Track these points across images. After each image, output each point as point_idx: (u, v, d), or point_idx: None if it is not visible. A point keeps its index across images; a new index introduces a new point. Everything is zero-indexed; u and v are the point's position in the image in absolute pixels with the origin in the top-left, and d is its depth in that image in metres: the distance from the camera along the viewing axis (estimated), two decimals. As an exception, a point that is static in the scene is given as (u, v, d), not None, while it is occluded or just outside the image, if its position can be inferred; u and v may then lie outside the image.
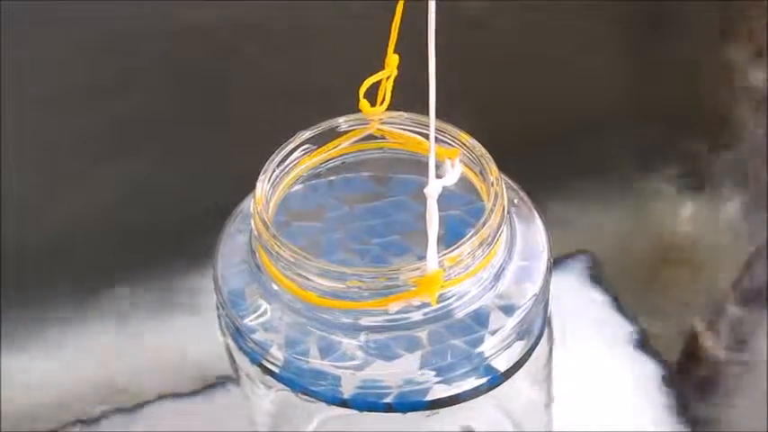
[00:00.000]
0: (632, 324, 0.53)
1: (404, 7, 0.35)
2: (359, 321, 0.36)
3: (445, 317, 0.36)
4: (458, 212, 0.40)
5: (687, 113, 0.58)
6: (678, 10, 0.55)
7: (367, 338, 0.36)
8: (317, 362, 0.36)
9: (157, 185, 0.55)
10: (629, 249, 0.57)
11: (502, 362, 0.37)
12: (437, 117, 0.35)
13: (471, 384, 0.37)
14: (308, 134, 0.40)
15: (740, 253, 0.55)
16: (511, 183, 0.40)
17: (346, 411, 0.37)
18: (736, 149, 0.56)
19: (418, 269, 0.34)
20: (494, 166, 0.38)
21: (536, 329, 0.39)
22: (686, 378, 0.52)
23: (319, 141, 0.40)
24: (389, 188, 0.42)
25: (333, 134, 0.40)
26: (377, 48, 0.37)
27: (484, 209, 0.37)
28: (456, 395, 0.37)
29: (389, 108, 0.39)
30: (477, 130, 0.39)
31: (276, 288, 0.37)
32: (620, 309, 0.54)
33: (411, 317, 0.36)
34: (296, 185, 0.40)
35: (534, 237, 0.39)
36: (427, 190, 0.34)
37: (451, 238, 0.37)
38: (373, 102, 0.39)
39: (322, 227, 0.41)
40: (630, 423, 0.50)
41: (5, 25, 0.51)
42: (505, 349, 0.37)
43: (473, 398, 0.37)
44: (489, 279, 0.37)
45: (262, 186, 0.38)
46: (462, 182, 0.39)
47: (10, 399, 0.52)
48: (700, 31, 0.56)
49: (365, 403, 0.36)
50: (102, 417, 0.51)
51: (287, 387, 0.37)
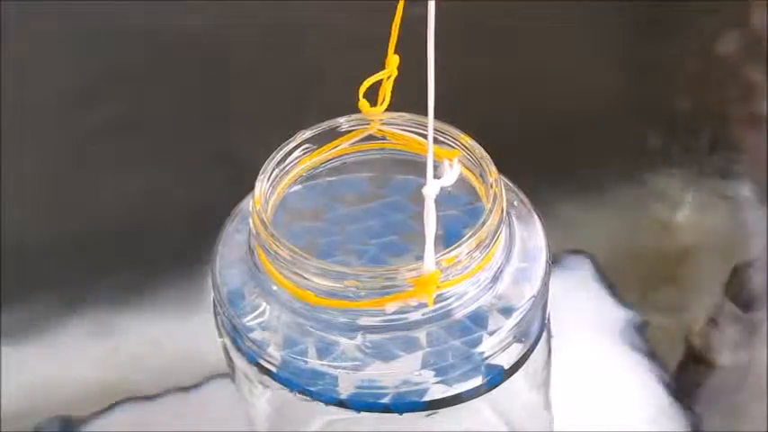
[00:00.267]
0: (632, 324, 0.53)
1: (404, 8, 0.35)
2: (357, 321, 0.36)
3: (443, 317, 0.36)
4: (457, 213, 0.40)
5: (687, 113, 0.57)
6: (678, 9, 0.55)
7: (364, 339, 0.36)
8: (315, 362, 0.36)
9: (157, 185, 0.55)
10: (629, 249, 0.57)
11: (500, 362, 0.37)
12: (437, 118, 0.35)
13: (469, 385, 0.37)
14: (309, 134, 0.40)
15: (740, 253, 0.55)
16: (510, 184, 0.40)
17: (345, 412, 0.37)
18: (735, 149, 0.56)
19: (415, 269, 0.34)
20: (493, 168, 0.38)
21: (535, 331, 0.39)
22: (686, 378, 0.52)
23: (319, 141, 0.40)
24: (389, 189, 0.42)
25: (333, 134, 0.40)
26: (377, 48, 0.37)
27: (483, 210, 0.37)
28: (454, 396, 0.37)
29: (389, 108, 0.39)
30: (476, 131, 0.39)
31: (274, 288, 0.37)
32: (619, 309, 0.54)
33: (409, 317, 0.35)
34: (295, 185, 0.40)
35: (533, 238, 0.39)
36: (425, 190, 0.34)
37: (450, 239, 0.37)
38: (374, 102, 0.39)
39: (321, 227, 0.41)
40: (630, 423, 0.50)
41: (5, 25, 0.51)
42: (504, 350, 0.37)
43: (471, 399, 0.37)
44: (488, 280, 0.37)
45: (261, 186, 0.38)
46: (462, 183, 0.39)
47: (10, 399, 0.52)
48: (699, 31, 0.56)
49: (362, 404, 0.36)
50: (101, 417, 0.52)
51: (284, 387, 0.37)
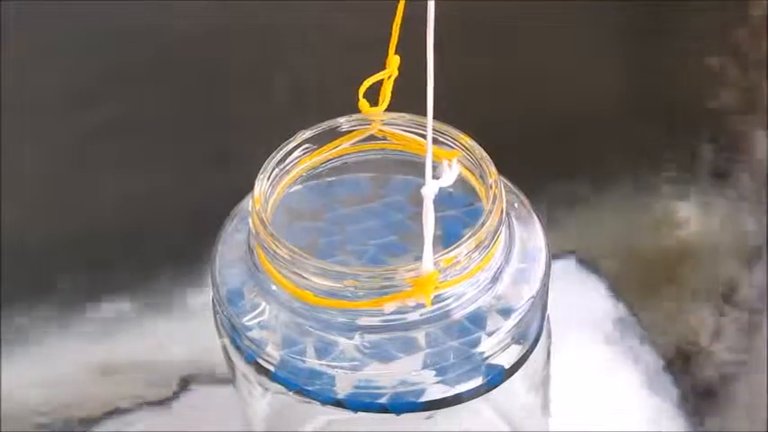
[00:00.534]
0: (632, 324, 0.53)
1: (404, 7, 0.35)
2: (355, 321, 0.35)
3: (442, 318, 0.36)
4: (457, 214, 0.40)
5: (687, 113, 0.57)
6: (678, 9, 0.55)
7: (363, 339, 0.36)
8: (313, 361, 0.36)
9: (157, 185, 0.55)
10: (628, 249, 0.56)
11: (499, 363, 0.37)
12: (437, 118, 0.35)
13: (468, 386, 0.37)
14: (309, 134, 0.40)
15: (740, 253, 0.55)
16: (510, 185, 0.40)
17: (343, 414, 0.37)
18: (735, 149, 0.56)
19: (414, 270, 0.34)
20: (493, 169, 0.38)
21: (534, 331, 0.38)
22: (687, 378, 0.52)
23: (319, 141, 0.40)
24: (389, 189, 0.42)
25: (333, 134, 0.40)
26: (377, 48, 0.37)
27: (482, 211, 0.37)
28: (452, 396, 0.37)
29: (389, 108, 0.39)
30: (476, 131, 0.39)
31: (273, 287, 0.37)
32: (619, 309, 0.54)
33: (407, 317, 0.35)
34: (295, 185, 0.40)
35: (533, 239, 0.39)
36: (424, 190, 0.34)
37: (450, 240, 0.37)
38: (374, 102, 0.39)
39: (320, 227, 0.41)
40: (630, 423, 0.50)
41: (5, 25, 0.51)
42: (503, 351, 0.37)
43: (469, 399, 0.37)
44: (487, 281, 0.37)
45: (261, 185, 0.38)
46: (462, 184, 0.39)
47: (10, 399, 0.52)
48: (699, 31, 0.56)
49: (360, 404, 0.36)
50: (101, 417, 0.52)
51: (282, 386, 0.37)
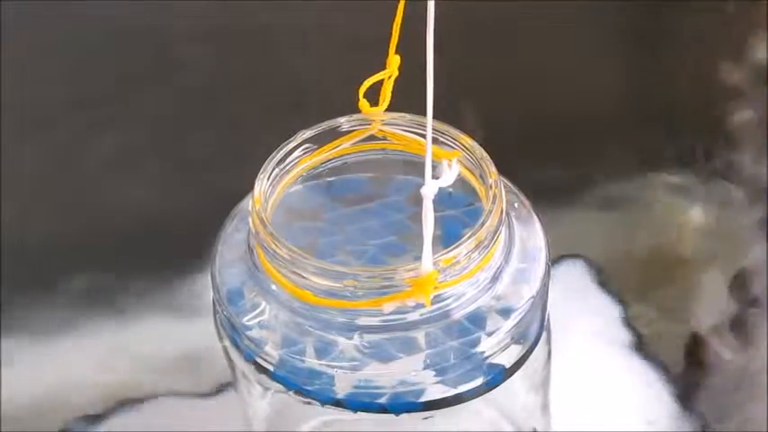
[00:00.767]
0: (632, 325, 0.53)
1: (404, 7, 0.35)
2: (355, 321, 0.35)
3: (442, 318, 0.36)
4: (457, 214, 0.40)
5: (687, 114, 0.57)
6: (678, 9, 0.55)
7: (362, 338, 0.36)
8: (312, 361, 0.36)
9: (157, 185, 0.55)
10: (628, 250, 0.56)
11: (499, 363, 0.37)
12: (437, 118, 0.35)
13: (467, 386, 0.37)
14: (309, 134, 0.40)
15: (740, 254, 0.55)
16: (510, 185, 0.40)
17: (344, 414, 0.37)
18: (735, 150, 0.56)
19: (413, 270, 0.34)
20: (493, 169, 0.38)
21: (534, 332, 0.38)
22: (687, 379, 0.52)
23: (320, 141, 0.40)
24: (389, 189, 0.41)
25: (333, 134, 0.40)
26: (377, 48, 0.37)
27: (482, 211, 0.37)
28: (451, 397, 0.37)
29: (390, 108, 0.39)
30: (476, 131, 0.39)
31: (273, 287, 0.37)
32: (620, 311, 0.54)
33: (407, 317, 0.35)
34: (295, 185, 0.40)
35: (533, 239, 0.39)
36: (423, 190, 0.34)
37: (450, 240, 0.37)
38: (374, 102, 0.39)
39: (320, 227, 0.41)
40: (631, 424, 0.50)
41: (5, 25, 0.51)
42: (502, 351, 0.37)
43: (469, 400, 0.37)
44: (487, 281, 0.36)
45: (261, 185, 0.38)
46: (462, 184, 0.38)
47: (10, 398, 0.52)
48: (700, 31, 0.56)
49: (359, 404, 0.36)
50: (101, 417, 0.52)
51: (281, 385, 0.37)
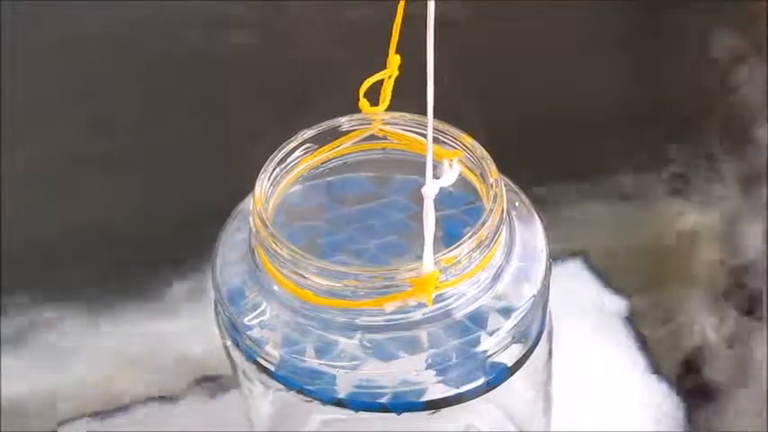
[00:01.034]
0: (631, 325, 0.53)
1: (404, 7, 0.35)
2: (356, 321, 0.35)
3: (443, 317, 0.36)
4: (458, 213, 0.40)
5: (687, 113, 0.57)
6: (678, 10, 0.55)
7: (363, 338, 0.36)
8: (313, 360, 0.36)
9: (157, 185, 0.55)
10: (628, 249, 0.56)
11: (500, 362, 0.37)
12: (438, 118, 0.35)
13: (469, 385, 0.37)
14: (310, 133, 0.40)
15: (740, 254, 0.55)
16: (511, 185, 0.40)
17: (346, 413, 0.37)
18: (735, 150, 0.56)
19: (414, 269, 0.34)
20: (494, 168, 0.38)
21: (535, 330, 0.38)
22: (688, 378, 0.52)
23: (320, 141, 0.40)
24: (389, 189, 0.41)
25: (334, 134, 0.40)
26: (377, 47, 0.37)
27: (483, 210, 0.37)
28: (452, 396, 0.37)
29: (390, 108, 0.39)
30: (476, 131, 0.39)
31: (274, 287, 0.37)
32: (619, 308, 0.54)
33: (408, 317, 0.35)
34: (296, 185, 0.40)
35: (534, 239, 0.39)
36: (424, 190, 0.34)
37: (451, 239, 0.37)
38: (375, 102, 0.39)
39: (321, 226, 0.41)
40: (631, 423, 0.50)
41: (5, 25, 0.51)
42: (504, 350, 0.37)
43: (470, 399, 0.37)
44: (488, 280, 0.36)
45: (261, 185, 0.38)
46: (463, 183, 0.38)
47: (10, 398, 0.52)
48: (699, 31, 0.56)
49: (360, 403, 0.36)
50: (103, 415, 0.52)
51: (282, 385, 0.37)
